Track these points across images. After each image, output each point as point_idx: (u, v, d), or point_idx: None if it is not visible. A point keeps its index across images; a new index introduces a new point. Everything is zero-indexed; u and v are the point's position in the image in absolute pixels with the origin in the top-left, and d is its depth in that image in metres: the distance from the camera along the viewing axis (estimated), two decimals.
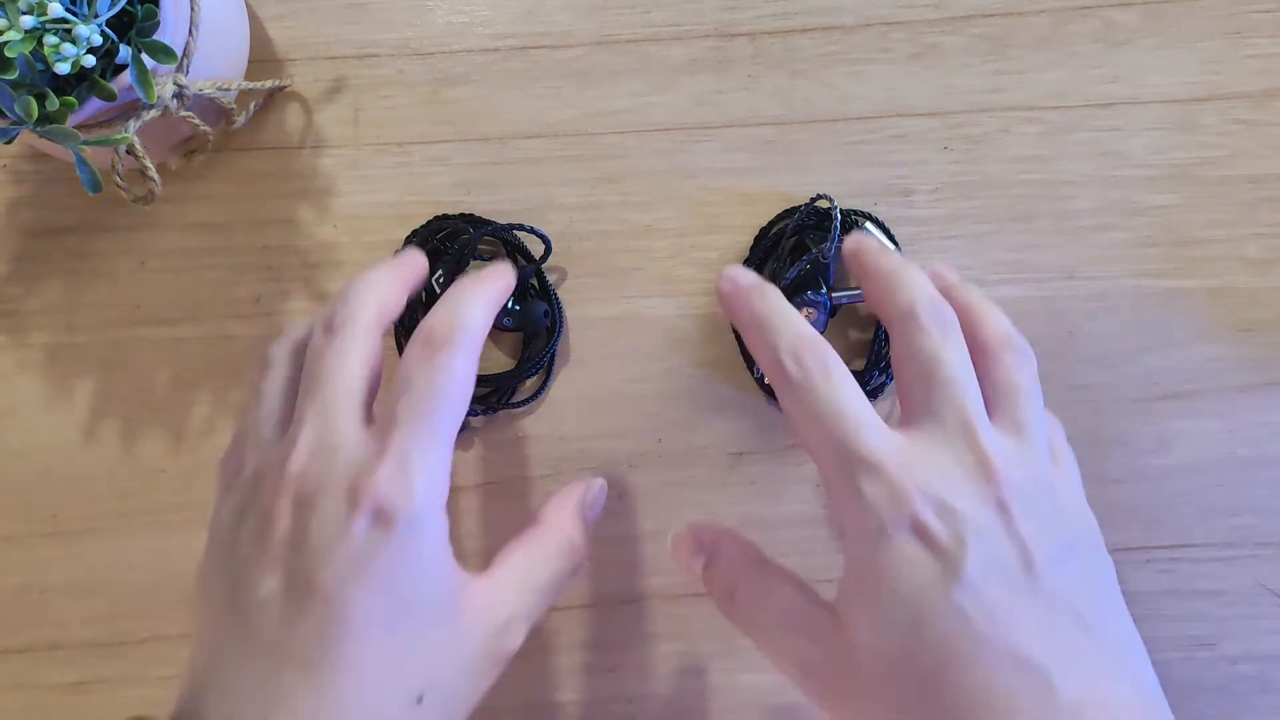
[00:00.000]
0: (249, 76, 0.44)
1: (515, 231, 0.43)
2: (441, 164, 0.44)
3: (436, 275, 0.41)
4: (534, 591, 0.32)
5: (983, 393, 0.32)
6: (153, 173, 0.40)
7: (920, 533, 0.29)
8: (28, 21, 0.33)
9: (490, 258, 0.39)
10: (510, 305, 0.42)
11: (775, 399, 0.43)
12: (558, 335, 0.43)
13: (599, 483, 0.37)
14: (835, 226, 0.40)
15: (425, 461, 0.29)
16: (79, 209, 0.44)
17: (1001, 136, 0.44)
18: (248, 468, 0.32)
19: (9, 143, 0.35)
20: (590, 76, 0.44)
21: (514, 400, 0.43)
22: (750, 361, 0.43)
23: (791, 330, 0.32)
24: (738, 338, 0.43)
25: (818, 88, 0.44)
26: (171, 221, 0.44)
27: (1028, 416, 0.31)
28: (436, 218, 0.43)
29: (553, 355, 0.43)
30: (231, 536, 0.30)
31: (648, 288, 0.44)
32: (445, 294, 0.33)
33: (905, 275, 0.33)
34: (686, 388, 0.43)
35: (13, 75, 0.34)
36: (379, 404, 0.32)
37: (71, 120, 0.36)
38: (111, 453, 0.43)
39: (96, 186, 0.37)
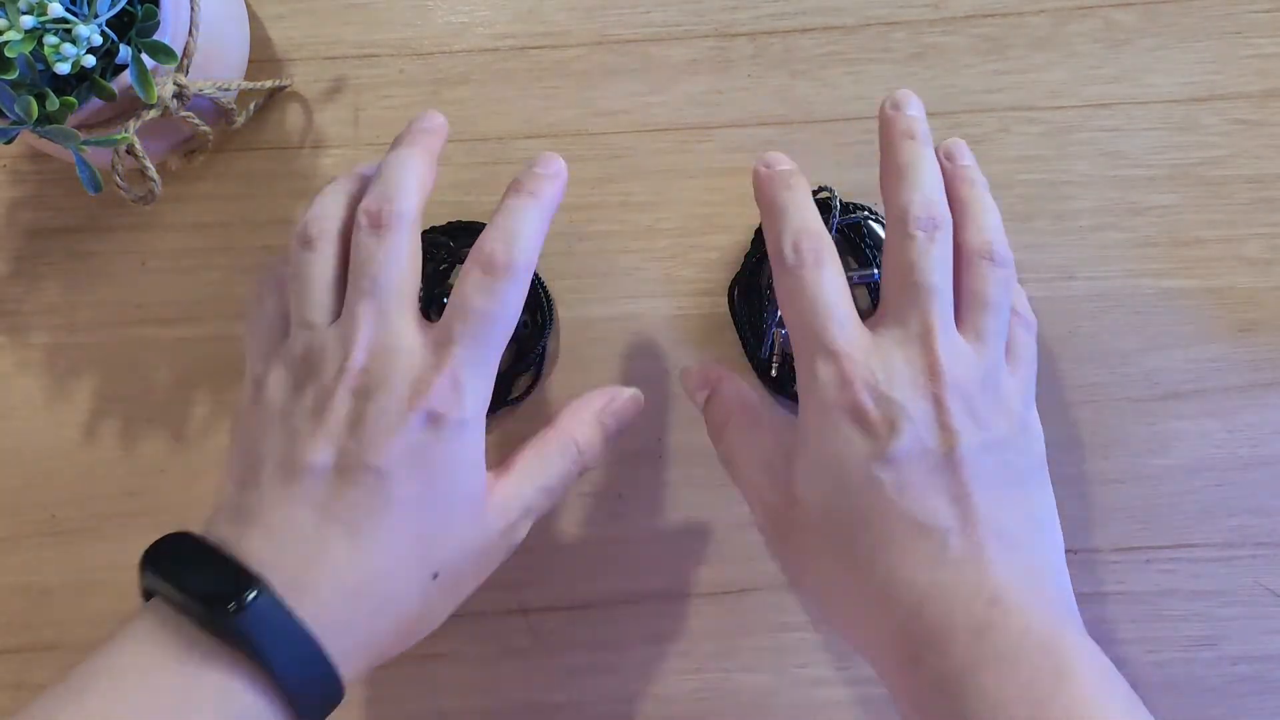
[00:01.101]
0: (249, 76, 0.44)
1: None
2: (441, 164, 0.43)
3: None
4: (541, 490, 0.35)
5: (957, 295, 0.35)
6: (153, 173, 0.40)
7: (857, 417, 0.33)
8: (28, 21, 0.33)
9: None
10: None
11: (778, 396, 0.43)
12: (547, 328, 0.43)
13: (628, 392, 0.38)
14: (834, 218, 0.41)
15: (475, 378, 0.33)
16: (79, 209, 0.44)
17: (1001, 136, 0.44)
18: (297, 345, 0.34)
19: (9, 143, 0.35)
20: (590, 76, 0.44)
21: (511, 398, 0.43)
22: (753, 361, 0.43)
23: (800, 218, 0.35)
24: (740, 337, 0.43)
25: (818, 88, 0.44)
26: (171, 221, 0.44)
27: (989, 327, 0.34)
28: (451, 224, 0.43)
29: (542, 351, 0.43)
30: (285, 405, 0.33)
31: (648, 288, 0.44)
32: (502, 210, 0.34)
33: (912, 172, 0.35)
34: None
35: (13, 75, 0.34)
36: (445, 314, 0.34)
37: (71, 120, 0.36)
38: (111, 453, 0.43)
39: (96, 186, 0.37)
